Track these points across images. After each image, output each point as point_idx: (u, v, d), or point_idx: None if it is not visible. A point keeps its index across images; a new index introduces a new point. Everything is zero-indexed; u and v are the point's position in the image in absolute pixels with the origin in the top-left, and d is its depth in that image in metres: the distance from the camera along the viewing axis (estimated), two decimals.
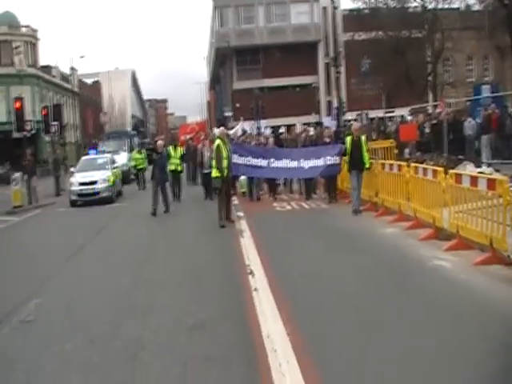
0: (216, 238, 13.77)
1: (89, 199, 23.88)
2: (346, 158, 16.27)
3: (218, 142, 15.49)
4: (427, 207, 12.05)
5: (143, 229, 16.41)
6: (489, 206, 9.45)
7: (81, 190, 24.15)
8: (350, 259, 10.43)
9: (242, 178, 21.07)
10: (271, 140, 21.81)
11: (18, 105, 26.29)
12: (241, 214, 16.72)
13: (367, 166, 15.74)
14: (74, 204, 24.08)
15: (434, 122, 26.41)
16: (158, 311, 7.88)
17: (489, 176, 10.41)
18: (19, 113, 26.17)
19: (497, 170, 17.22)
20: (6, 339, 7.30)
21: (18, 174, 24.50)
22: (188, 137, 34.02)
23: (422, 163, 16.47)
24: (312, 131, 24.87)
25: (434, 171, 11.82)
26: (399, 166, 14.22)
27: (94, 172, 24.98)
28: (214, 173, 15.37)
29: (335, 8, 33.33)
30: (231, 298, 8.17)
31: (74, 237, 16.03)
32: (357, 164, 15.73)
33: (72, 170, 27.72)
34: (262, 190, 21.32)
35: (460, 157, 21.84)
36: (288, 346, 6.02)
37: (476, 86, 30.64)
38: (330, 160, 17.26)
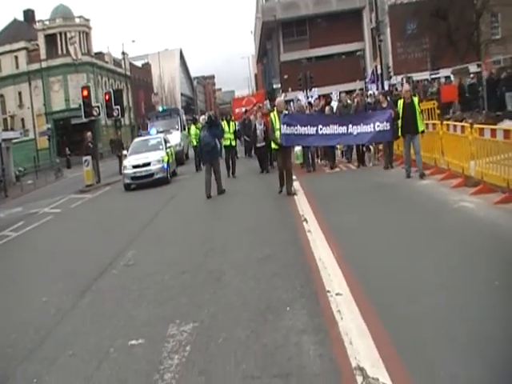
0: (274, 197, 15.47)
1: (143, 181, 23.06)
2: (399, 123, 15.86)
3: (272, 114, 16.06)
4: (458, 159, 13.66)
5: (207, 200, 17.09)
6: (507, 156, 10.98)
7: (134, 172, 23.22)
8: (388, 206, 12.20)
9: (298, 149, 20.87)
10: (327, 108, 21.47)
11: (85, 93, 28.45)
12: (294, 177, 18.31)
13: (422, 128, 15.34)
14: (127, 188, 23.47)
15: (472, 81, 27.61)
16: (231, 251, 9.91)
17: (504, 127, 11.87)
18: (87, 100, 28.32)
19: None
20: (117, 276, 9.55)
21: (88, 157, 26.78)
22: (244, 109, 33.16)
23: (461, 121, 17.84)
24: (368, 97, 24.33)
25: (462, 127, 13.41)
26: (433, 124, 15.79)
27: (148, 153, 24.10)
28: (273, 145, 16.06)
29: None
30: (290, 237, 10.18)
31: (147, 206, 18.35)
32: (410, 128, 15.29)
33: (125, 152, 27.01)
34: (317, 159, 21.33)
35: (498, 113, 22.92)
36: (335, 263, 7.96)
37: None
38: (379, 126, 16.19)
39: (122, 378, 5.44)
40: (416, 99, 15.75)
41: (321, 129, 16.31)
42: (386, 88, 36.00)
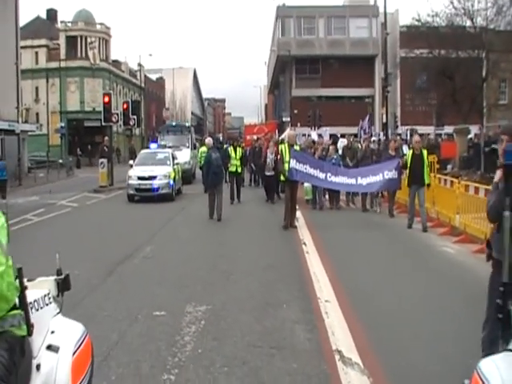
0: (277, 225, 16.21)
1: (147, 195, 22.86)
2: (407, 173, 16.14)
3: (282, 145, 16.63)
4: (446, 210, 15.22)
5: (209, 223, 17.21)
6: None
7: (139, 184, 22.96)
8: (378, 244, 13.71)
9: (307, 184, 20.09)
10: (332, 148, 21.46)
11: (106, 99, 30.00)
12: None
13: (428, 181, 15.52)
14: (131, 199, 23.12)
15: (472, 142, 29.35)
16: (239, 258, 11.47)
17: (485, 186, 13.35)
18: (107, 106, 29.84)
19: None
20: (139, 265, 11.09)
21: (104, 159, 28.35)
22: (255, 137, 32.09)
23: (456, 178, 19.37)
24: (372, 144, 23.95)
25: (452, 181, 15.01)
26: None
27: (154, 167, 23.68)
28: (282, 177, 16.40)
29: (387, 34, 35.61)
30: (290, 254, 11.85)
31: (160, 212, 19.92)
32: (417, 179, 15.43)
33: (130, 162, 26.21)
34: (324, 198, 20.88)
35: (492, 175, 24.45)
36: (326, 278, 9.50)
37: None
38: (388, 174, 16.67)
39: (150, 335, 6.85)
40: (425, 152, 16.12)
41: (330, 176, 16.75)
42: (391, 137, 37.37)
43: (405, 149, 24.97)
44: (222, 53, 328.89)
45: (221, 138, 22.35)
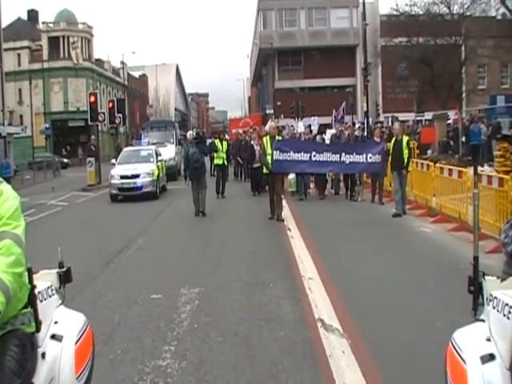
0: (263, 216, 16.46)
1: (130, 194, 22.24)
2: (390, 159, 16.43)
3: (264, 138, 16.58)
4: (423, 193, 15.94)
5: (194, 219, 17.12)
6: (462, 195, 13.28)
7: (122, 183, 22.39)
8: (360, 227, 14.42)
9: (291, 176, 20.21)
10: (318, 137, 22.12)
11: (92, 99, 30.39)
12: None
13: (405, 165, 15.82)
14: (114, 198, 22.64)
15: (451, 127, 30.19)
16: (227, 246, 12.14)
17: (459, 168, 14.12)
18: (94, 106, 30.27)
19: None
20: (133, 255, 11.75)
21: (92, 158, 28.87)
22: (240, 131, 32.50)
23: (435, 162, 20.05)
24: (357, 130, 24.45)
25: (428, 165, 15.72)
26: None
27: (137, 165, 23.19)
28: (265, 170, 16.35)
29: (366, 25, 36.16)
30: (276, 240, 12.55)
31: (148, 207, 20.41)
32: (397, 165, 15.88)
33: (113, 161, 25.46)
34: (309, 189, 20.98)
35: (469, 158, 25.27)
36: (309, 259, 10.18)
37: (492, 95, 33.83)
38: (371, 158, 17.06)
39: (149, 315, 7.50)
40: (406, 138, 16.29)
41: (314, 155, 17.07)
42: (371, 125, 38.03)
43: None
44: (204, 47, 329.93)
45: (201, 133, 21.08)
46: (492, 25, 38.13)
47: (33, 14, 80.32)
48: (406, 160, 15.76)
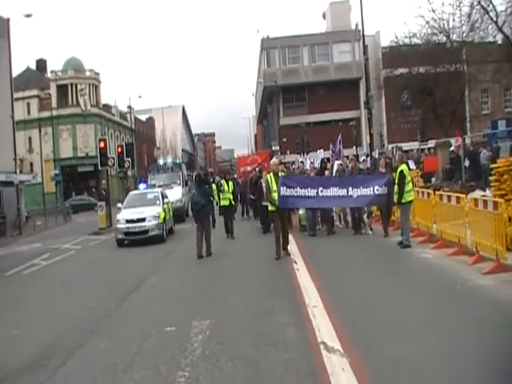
0: (270, 255, 15.75)
1: (136, 238, 21.92)
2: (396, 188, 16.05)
3: (268, 175, 16.42)
4: (425, 220, 16.44)
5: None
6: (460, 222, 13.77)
7: (127, 227, 22.08)
8: (361, 250, 14.93)
9: (301, 211, 20.30)
10: (327, 172, 22.08)
11: (102, 145, 31.31)
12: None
13: (397, 199, 15.77)
14: (120, 243, 22.37)
15: (453, 155, 30.68)
16: (235, 280, 12.76)
17: (457, 195, 14.60)
18: (103, 151, 31.12)
19: None
20: (146, 292, 12.38)
21: (102, 202, 29.57)
22: (249, 168, 32.71)
23: (439, 189, 20.44)
24: (362, 163, 24.77)
25: (428, 193, 16.25)
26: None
27: (143, 208, 22.97)
28: (270, 207, 16.04)
29: (366, 60, 36.85)
30: (282, 273, 13.15)
31: (158, 249, 20.76)
32: (399, 196, 15.73)
33: (119, 205, 25.10)
34: (318, 225, 20.62)
35: (472, 183, 25.72)
36: (314, 289, 10.72)
37: (493, 120, 34.25)
38: (378, 190, 17.09)
39: (164, 345, 8.05)
40: (400, 167, 15.91)
41: (321, 191, 17.01)
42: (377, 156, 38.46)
43: (411, 164, 25.97)
44: (209, 88, 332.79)
45: (202, 174, 19.96)
46: (492, 50, 38.52)
47: (41, 64, 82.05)
48: (404, 192, 15.63)
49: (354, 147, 48.84)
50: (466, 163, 28.68)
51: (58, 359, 7.91)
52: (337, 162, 26.75)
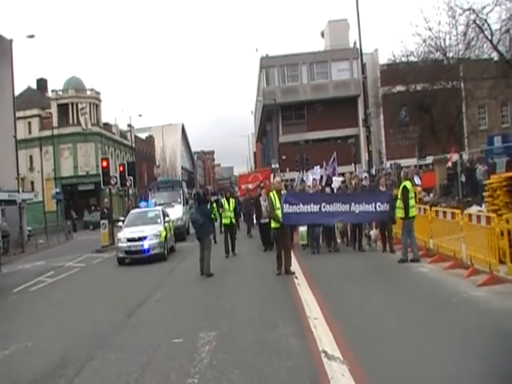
0: (272, 272, 16.07)
1: (137, 257, 21.95)
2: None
3: (271, 193, 16.46)
4: (422, 235, 16.86)
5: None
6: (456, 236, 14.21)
7: (128, 246, 22.05)
8: (362, 264, 15.34)
9: (303, 229, 20.56)
10: (328, 189, 21.94)
11: (104, 164, 31.73)
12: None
13: (403, 214, 16.23)
14: (121, 262, 22.34)
15: (451, 171, 31.14)
16: (239, 295, 13.18)
17: (452, 210, 15.05)
18: (106, 170, 31.56)
19: None
20: (152, 307, 12.83)
21: (105, 221, 29.99)
22: (250, 186, 33.08)
23: (436, 205, 20.82)
24: (364, 180, 24.80)
25: (424, 209, 16.70)
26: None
27: (144, 227, 22.98)
28: (273, 224, 16.13)
29: (365, 78, 37.42)
30: (283, 288, 13.52)
31: (162, 265, 21.08)
32: (404, 211, 16.16)
33: (120, 224, 25.38)
34: (321, 242, 20.54)
35: (469, 199, 26.12)
36: (315, 302, 11.11)
37: (489, 136, 34.64)
38: (380, 207, 17.21)
39: (173, 356, 8.45)
40: (405, 183, 16.44)
41: (324, 206, 16.83)
42: (374, 173, 38.90)
43: (416, 179, 26.39)
44: (208, 106, 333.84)
45: (201, 193, 19.97)
46: (488, 66, 38.97)
47: (42, 83, 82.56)
48: (407, 208, 16.00)
49: (353, 164, 49.15)
50: (463, 179, 29.15)
51: (73, 369, 8.30)
52: (339, 179, 27.38)
